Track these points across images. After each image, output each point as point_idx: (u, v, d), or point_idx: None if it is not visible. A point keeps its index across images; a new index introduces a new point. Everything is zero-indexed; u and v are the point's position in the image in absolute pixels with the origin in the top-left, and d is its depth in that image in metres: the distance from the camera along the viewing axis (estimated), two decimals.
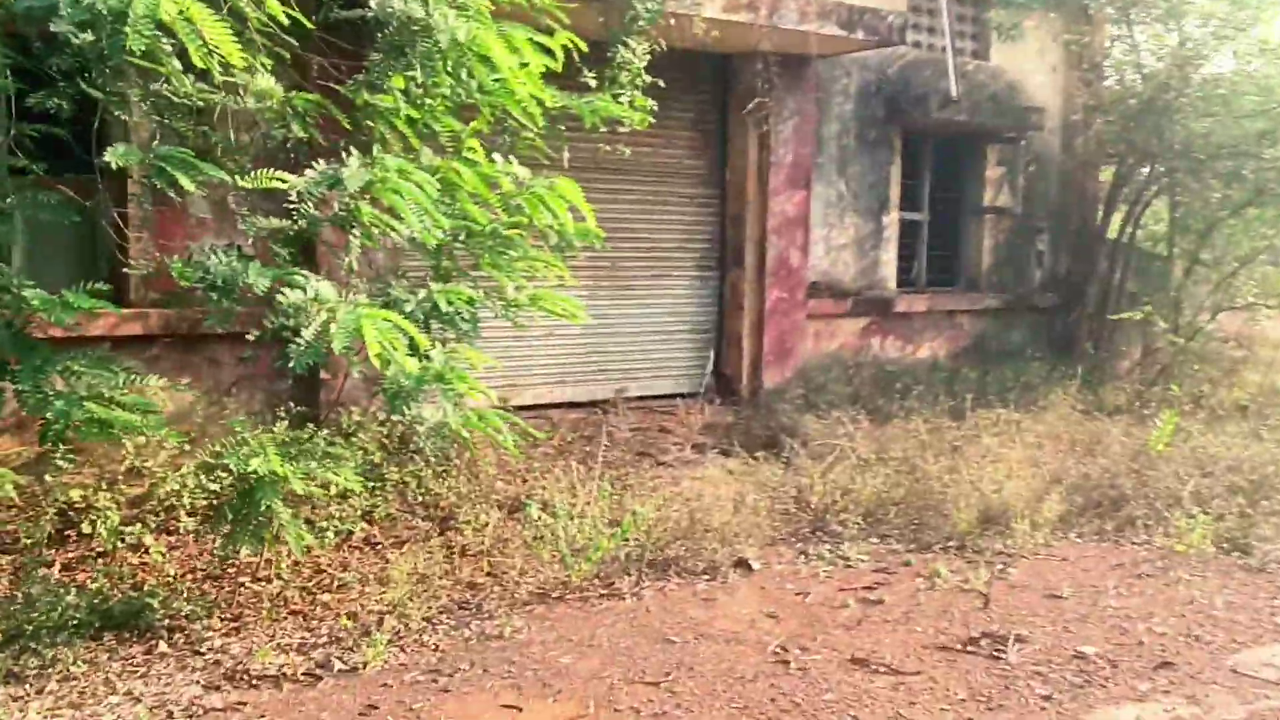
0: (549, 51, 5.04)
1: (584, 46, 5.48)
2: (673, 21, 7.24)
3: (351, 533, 5.78)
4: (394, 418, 5.45)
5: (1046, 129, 11.18)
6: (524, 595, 4.95)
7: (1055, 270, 11.79)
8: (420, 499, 6.16)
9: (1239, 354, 11.84)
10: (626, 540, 5.29)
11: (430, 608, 4.71)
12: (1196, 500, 6.28)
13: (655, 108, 7.00)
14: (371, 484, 6.14)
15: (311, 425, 6.24)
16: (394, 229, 4.65)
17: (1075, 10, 10.80)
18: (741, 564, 5.49)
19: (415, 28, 4.62)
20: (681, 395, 9.46)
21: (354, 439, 6.62)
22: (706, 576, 5.28)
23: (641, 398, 9.22)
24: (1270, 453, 7.12)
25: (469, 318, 4.94)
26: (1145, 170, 11.39)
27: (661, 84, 7.13)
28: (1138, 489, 6.41)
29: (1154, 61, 10.87)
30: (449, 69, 4.73)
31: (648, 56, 6.98)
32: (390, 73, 4.73)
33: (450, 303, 4.75)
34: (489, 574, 5.22)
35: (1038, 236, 11.58)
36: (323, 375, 6.80)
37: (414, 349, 4.42)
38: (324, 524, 5.50)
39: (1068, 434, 7.59)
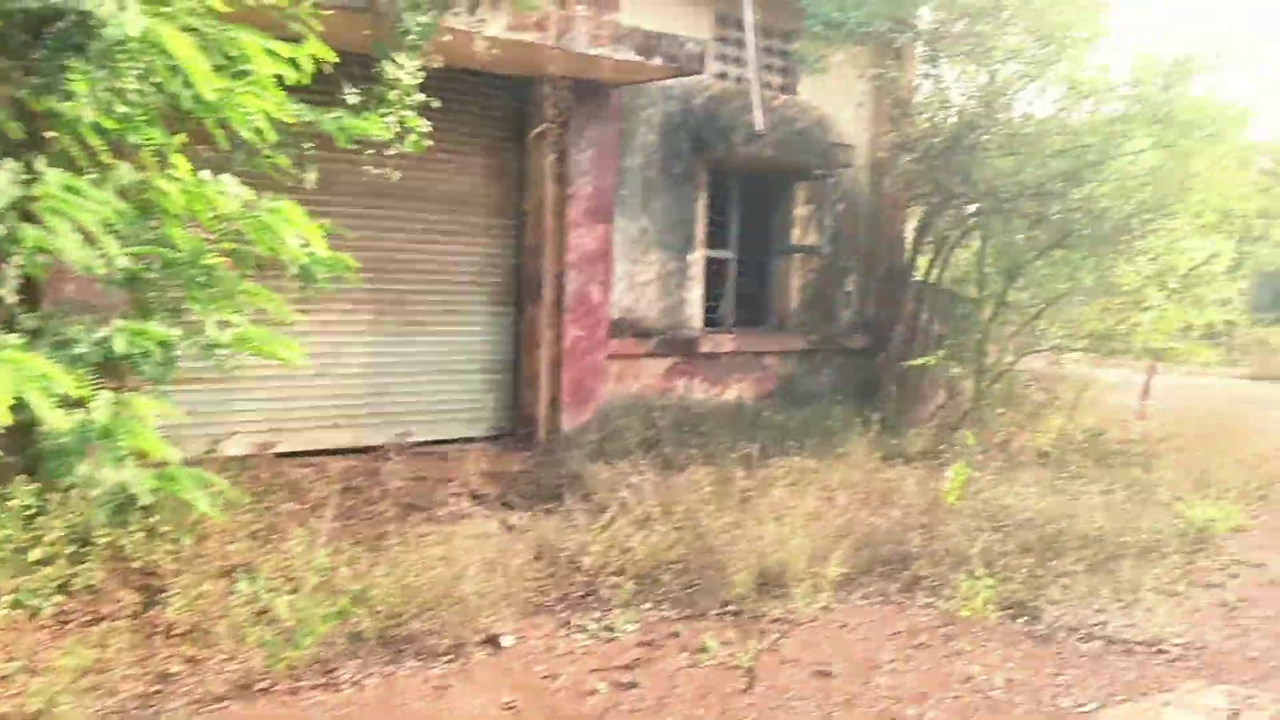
0: (293, 62, 4.44)
1: (334, 58, 4.86)
2: (451, 39, 6.69)
3: (41, 608, 4.92)
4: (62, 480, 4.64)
5: (856, 167, 11.16)
6: (221, 688, 4.23)
7: (864, 311, 11.76)
8: (133, 567, 5.34)
9: (1042, 398, 12.08)
10: (353, 617, 4.64)
11: (98, 706, 3.94)
12: (985, 559, 6.07)
13: (433, 129, 6.43)
14: (76, 549, 5.31)
15: (24, 477, 5.38)
16: (67, 254, 3.91)
17: (883, 46, 10.80)
18: (491, 641, 4.91)
19: (91, 21, 3.92)
20: (474, 439, 8.85)
21: (70, 493, 5.74)
22: (448, 657, 4.68)
23: (429, 443, 8.57)
24: (1064, 505, 7.04)
25: (162, 360, 4.22)
26: (951, 211, 11.51)
27: (439, 104, 6.55)
28: (925, 546, 6.18)
29: (963, 100, 10.98)
30: (136, 71, 4.03)
31: (422, 75, 6.39)
32: (63, 73, 4.00)
33: (133, 343, 4.03)
34: (188, 660, 4.47)
35: (846, 277, 11.52)
36: None
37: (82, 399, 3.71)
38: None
39: (863, 484, 7.36)
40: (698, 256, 9.99)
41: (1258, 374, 22.14)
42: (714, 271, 10.55)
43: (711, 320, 10.56)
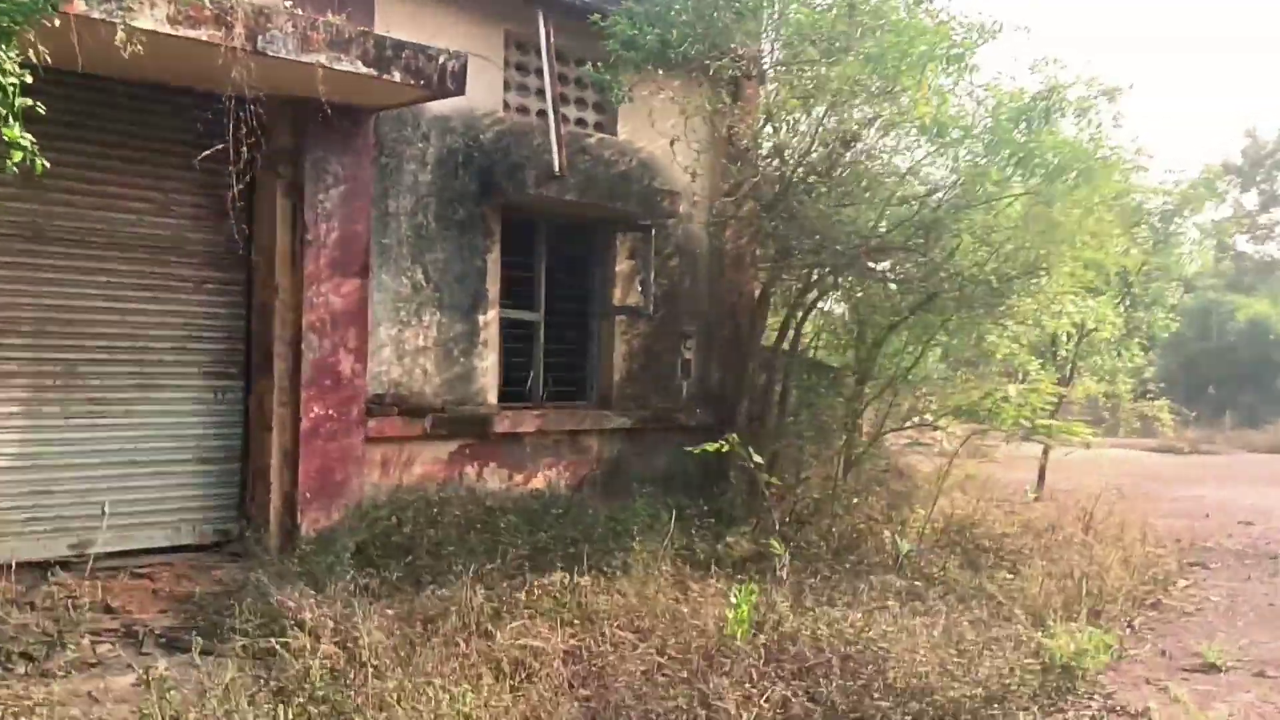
0: None
1: None
2: (77, 31, 5.10)
3: None
4: None
5: (691, 217, 9.81)
6: None
7: (705, 383, 10.32)
8: None
9: (908, 483, 10.75)
10: None
11: None
12: None
13: (123, 157, 4.92)
14: None
15: None
16: None
17: (715, 80, 9.46)
18: None
19: None
20: (182, 549, 7.10)
21: None
22: None
23: (120, 554, 6.80)
24: (895, 636, 5.55)
25: None
26: (800, 268, 10.21)
27: (130, 125, 4.96)
28: (682, 711, 4.59)
29: (804, 142, 9.70)
30: None
31: (25, 73, 4.77)
32: None
33: None
34: None
35: (684, 343, 10.10)
36: None
37: None
38: None
39: (641, 609, 5.80)
40: (491, 318, 8.46)
41: (1173, 445, 21.37)
42: (519, 337, 9.02)
43: (516, 394, 9.00)
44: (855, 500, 9.76)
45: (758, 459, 7.05)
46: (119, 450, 6.80)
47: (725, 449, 6.82)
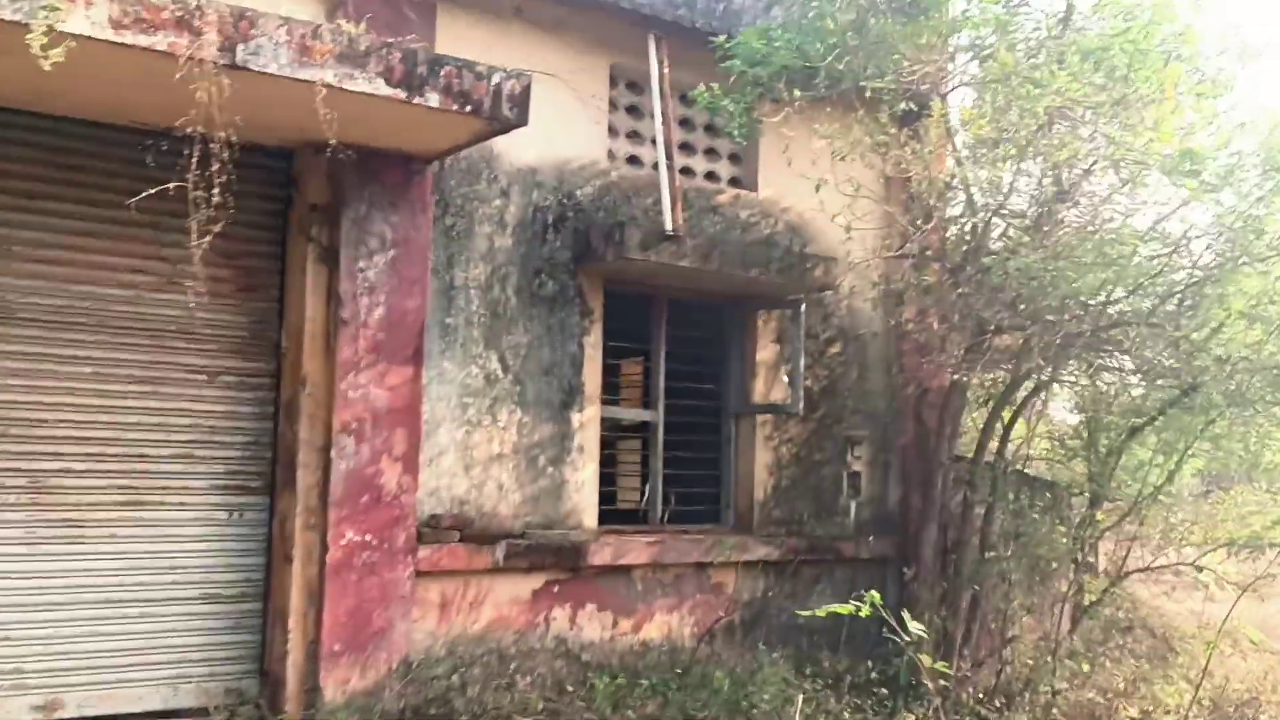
0: None
1: None
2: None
3: None
4: None
5: (856, 292, 8.14)
6: None
7: (882, 503, 8.48)
8: None
9: (1151, 646, 8.48)
10: None
11: None
12: None
13: (108, 218, 3.80)
14: None
15: None
16: None
17: (877, 106, 7.81)
18: None
19: None
20: (186, 713, 5.83)
21: None
22: None
23: (99, 719, 5.59)
24: None
25: None
26: (1009, 353, 8.33)
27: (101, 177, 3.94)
28: None
29: (1015, 193, 7.93)
30: None
31: None
32: None
33: None
34: None
35: (850, 450, 8.33)
36: None
37: None
38: None
39: None
40: (589, 417, 7.00)
41: None
42: (629, 443, 7.53)
43: (627, 516, 7.46)
44: (1086, 667, 7.65)
45: (917, 628, 5.17)
46: (100, 585, 5.65)
47: (862, 609, 4.94)
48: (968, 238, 7.88)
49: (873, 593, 4.70)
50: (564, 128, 6.95)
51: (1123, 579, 8.01)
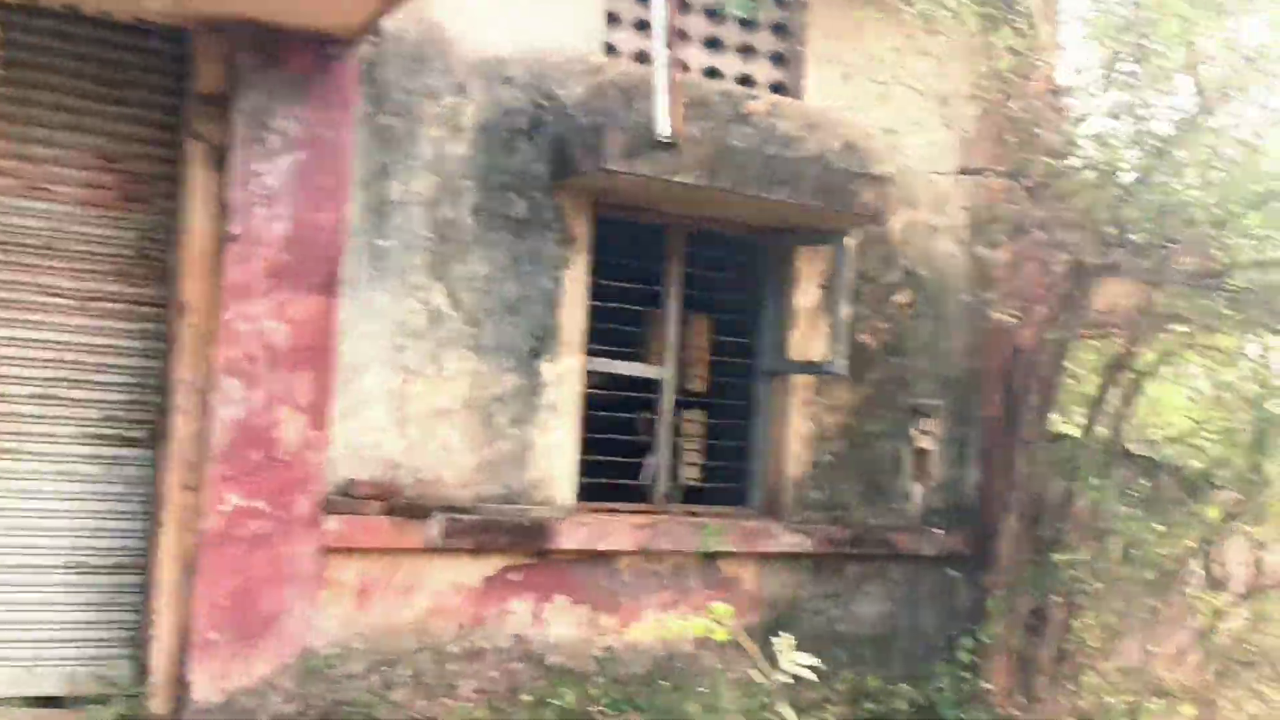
0: None
1: None
2: None
3: None
4: None
5: (933, 231, 6.66)
6: None
7: (958, 487, 7.00)
8: None
9: None
10: None
11: None
12: None
13: None
14: None
15: None
16: None
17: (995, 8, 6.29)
18: None
19: None
20: (50, 701, 4.97)
21: None
22: None
23: None
24: None
25: None
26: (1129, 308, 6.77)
27: None
28: None
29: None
30: None
31: None
32: None
33: None
34: None
35: (916, 423, 6.87)
36: None
37: None
38: None
39: None
40: (567, 369, 5.80)
41: None
42: (631, 403, 6.31)
43: (628, 493, 6.25)
44: (1213, 698, 6.08)
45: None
46: None
47: (715, 632, 3.56)
48: (1081, 161, 6.31)
49: (720, 606, 3.34)
50: (545, 10, 5.73)
51: (1254, 595, 6.33)
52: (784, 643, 3.18)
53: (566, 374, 5.79)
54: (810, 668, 5.84)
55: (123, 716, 4.86)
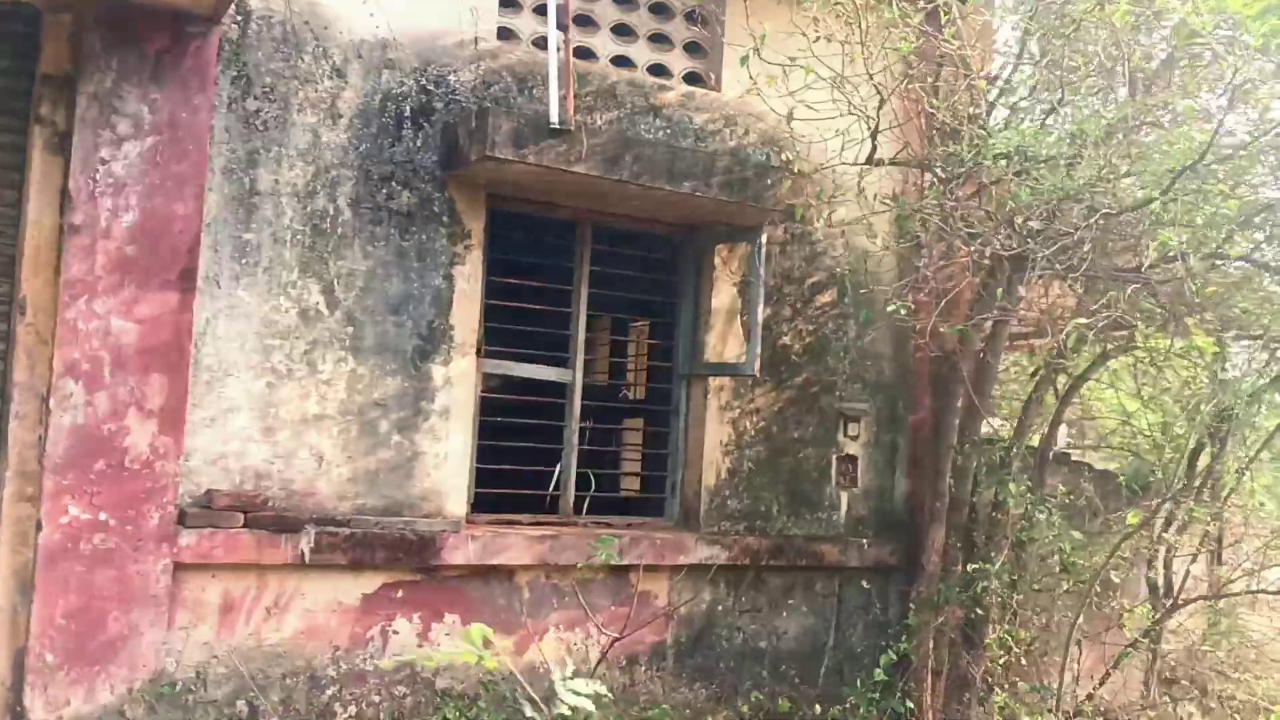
0: None
1: None
2: None
3: None
4: None
5: (867, 227, 6.28)
6: None
7: (886, 496, 6.65)
8: None
9: (1253, 682, 6.43)
10: None
11: None
12: None
13: None
14: None
15: None
16: None
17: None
18: None
19: None
20: None
21: None
22: None
23: None
24: None
25: None
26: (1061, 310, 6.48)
27: None
28: None
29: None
30: None
31: None
32: None
33: None
34: None
35: (844, 427, 6.51)
36: None
37: None
38: None
39: None
40: (459, 372, 5.42)
41: None
42: (540, 410, 5.93)
43: (525, 504, 5.87)
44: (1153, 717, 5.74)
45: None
46: None
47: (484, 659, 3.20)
48: (1012, 149, 5.95)
49: (476, 628, 2.99)
50: None
51: (1176, 609, 5.97)
52: (561, 673, 2.82)
53: (459, 377, 5.41)
54: (714, 686, 5.49)
55: None
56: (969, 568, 5.95)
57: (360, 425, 5.18)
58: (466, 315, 5.44)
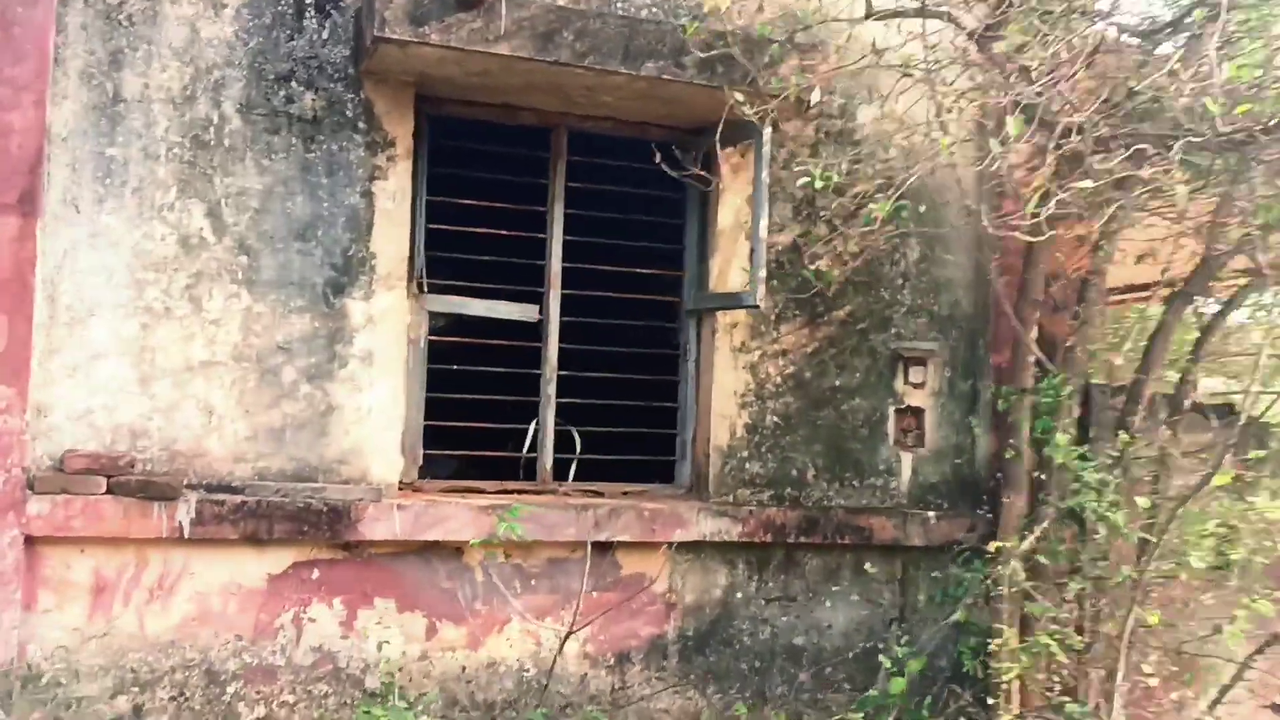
0: None
1: None
2: None
3: None
4: None
5: (917, 114, 4.98)
6: None
7: (964, 457, 5.33)
8: None
9: None
10: None
11: None
12: None
13: None
14: None
15: None
16: None
17: None
18: None
19: None
20: None
21: None
22: None
23: None
24: None
25: None
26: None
27: None
28: None
29: None
30: None
31: None
32: None
33: None
34: None
35: (901, 372, 5.23)
36: None
37: None
38: None
39: None
40: (385, 308, 4.49)
41: None
42: (512, 356, 4.97)
43: (503, 469, 4.92)
44: None
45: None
46: None
47: None
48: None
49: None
50: None
51: None
52: None
53: (384, 315, 4.49)
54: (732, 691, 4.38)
55: None
56: (1056, 545, 4.57)
57: (259, 373, 4.33)
58: (392, 241, 4.50)
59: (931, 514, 5.17)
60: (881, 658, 4.80)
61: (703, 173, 4.69)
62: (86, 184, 4.14)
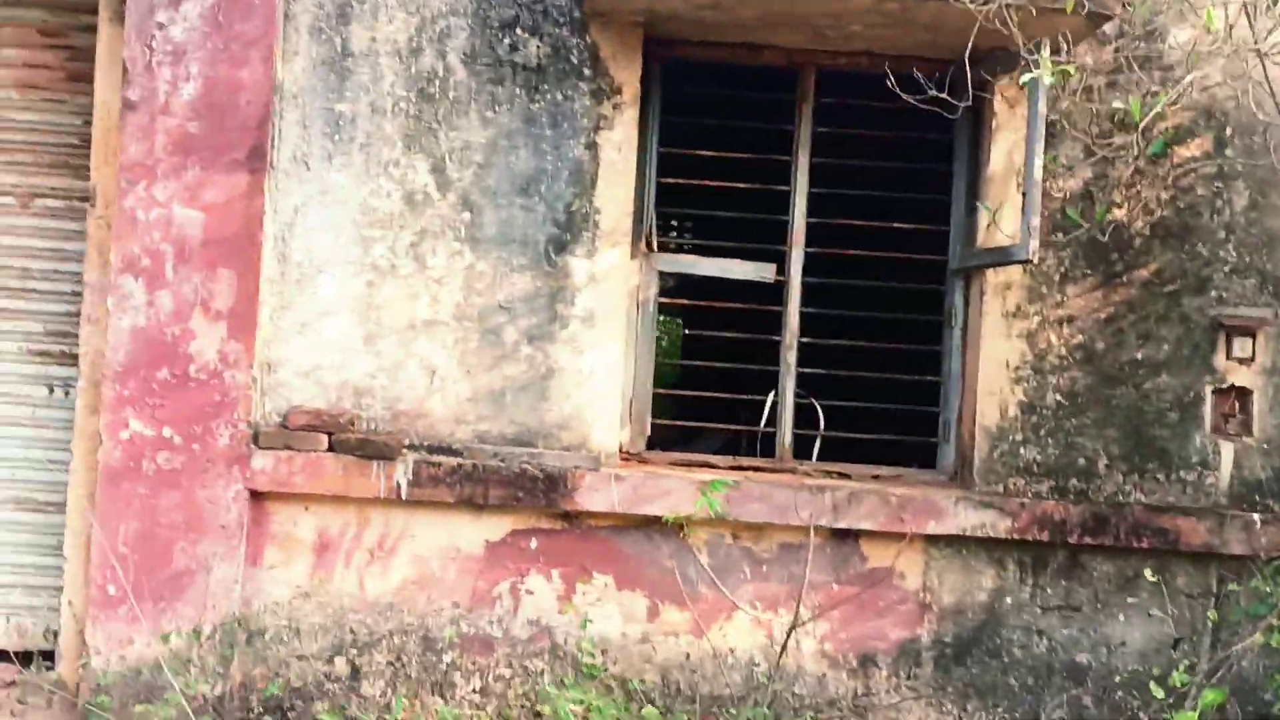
0: None
1: None
2: None
3: None
4: None
5: (1246, 35, 4.14)
6: None
7: None
8: None
9: None
10: None
11: None
12: None
13: None
14: None
15: None
16: None
17: None
18: None
19: None
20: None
21: None
22: None
23: None
24: None
25: None
26: None
27: None
28: None
29: None
30: None
31: None
32: None
33: None
34: None
35: (1228, 344, 4.36)
36: None
37: None
38: None
39: None
40: (608, 266, 4.22)
41: None
42: (743, 319, 4.58)
43: (728, 446, 4.55)
44: None
45: None
46: None
47: None
48: None
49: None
50: None
51: None
52: None
53: (608, 274, 4.20)
54: (998, 709, 3.82)
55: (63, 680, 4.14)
56: None
57: (481, 333, 4.17)
58: (617, 195, 4.20)
59: (1257, 516, 4.25)
60: (1176, 681, 3.98)
61: (973, 109, 4.05)
62: (316, 140, 4.12)
